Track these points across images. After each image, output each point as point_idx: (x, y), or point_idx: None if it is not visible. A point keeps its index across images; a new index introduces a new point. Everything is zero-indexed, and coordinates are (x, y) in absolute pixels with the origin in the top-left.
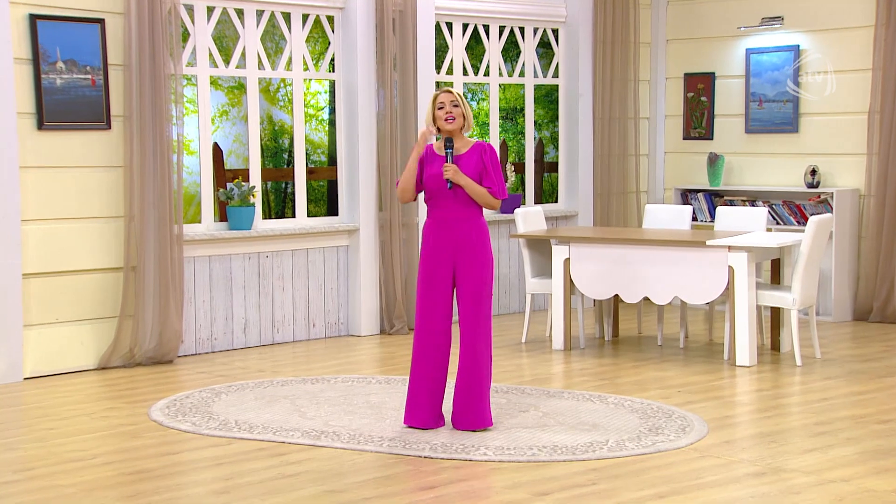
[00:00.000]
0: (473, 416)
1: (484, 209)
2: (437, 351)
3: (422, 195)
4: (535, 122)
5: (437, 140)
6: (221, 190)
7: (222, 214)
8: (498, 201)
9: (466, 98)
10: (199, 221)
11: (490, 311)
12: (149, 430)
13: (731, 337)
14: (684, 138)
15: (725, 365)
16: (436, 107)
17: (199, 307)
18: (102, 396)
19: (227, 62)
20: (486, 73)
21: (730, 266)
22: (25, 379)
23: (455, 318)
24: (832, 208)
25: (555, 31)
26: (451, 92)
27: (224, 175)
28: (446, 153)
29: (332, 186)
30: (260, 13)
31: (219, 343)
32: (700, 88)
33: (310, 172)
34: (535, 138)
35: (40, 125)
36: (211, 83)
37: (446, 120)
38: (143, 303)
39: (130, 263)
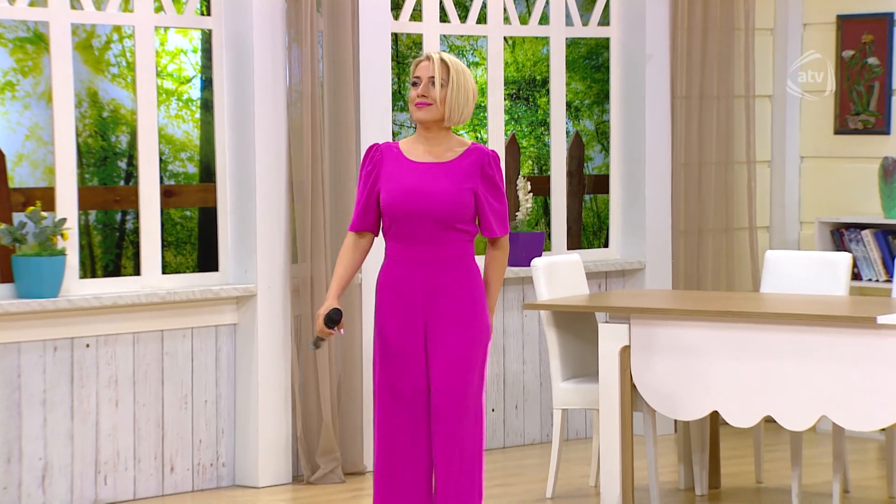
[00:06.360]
0: None
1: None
2: (416, 464)
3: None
4: (569, 105)
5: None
6: (4, 226)
7: (5, 271)
8: (507, 247)
9: (460, 75)
10: None
11: (482, 406)
12: None
13: None
14: (837, 132)
15: None
16: (411, 81)
17: None
18: None
19: None
20: (482, 20)
21: None
22: None
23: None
24: None
25: None
26: (434, 59)
27: (8, 199)
28: (325, 329)
29: (208, 219)
30: None
31: None
32: (866, 44)
33: (168, 194)
34: (568, 132)
35: None
36: None
37: (418, 105)
38: None
39: None
